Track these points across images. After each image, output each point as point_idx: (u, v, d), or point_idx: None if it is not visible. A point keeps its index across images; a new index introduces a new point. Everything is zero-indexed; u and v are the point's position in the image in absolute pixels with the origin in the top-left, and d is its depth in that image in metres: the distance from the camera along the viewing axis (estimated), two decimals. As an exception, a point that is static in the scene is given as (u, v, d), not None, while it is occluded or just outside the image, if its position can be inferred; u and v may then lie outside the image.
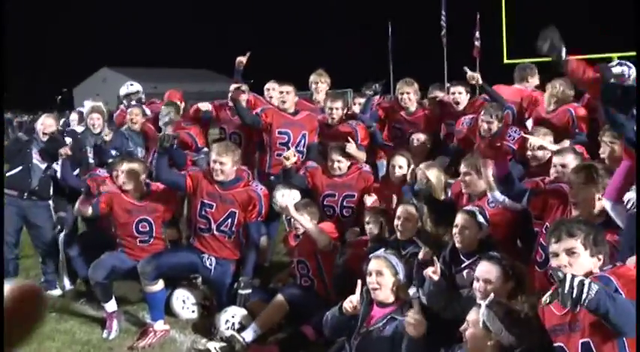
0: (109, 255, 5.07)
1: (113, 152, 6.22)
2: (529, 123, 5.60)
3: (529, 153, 4.79)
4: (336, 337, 3.85)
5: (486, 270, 3.20)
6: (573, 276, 2.25)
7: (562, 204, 3.62)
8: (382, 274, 3.60)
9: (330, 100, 5.88)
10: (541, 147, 4.71)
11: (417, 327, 3.21)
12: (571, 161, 4.07)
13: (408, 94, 5.96)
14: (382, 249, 3.94)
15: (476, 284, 3.24)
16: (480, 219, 3.80)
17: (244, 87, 5.98)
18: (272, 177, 5.69)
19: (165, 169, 4.97)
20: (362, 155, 5.56)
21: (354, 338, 3.63)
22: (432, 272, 3.53)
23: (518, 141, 5.04)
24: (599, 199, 3.39)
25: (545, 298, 2.45)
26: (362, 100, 6.23)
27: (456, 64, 7.05)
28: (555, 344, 2.64)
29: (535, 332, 2.76)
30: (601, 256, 2.67)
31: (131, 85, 7.52)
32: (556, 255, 2.69)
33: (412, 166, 5.05)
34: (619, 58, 5.05)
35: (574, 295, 2.20)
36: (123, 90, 7.46)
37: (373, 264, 3.66)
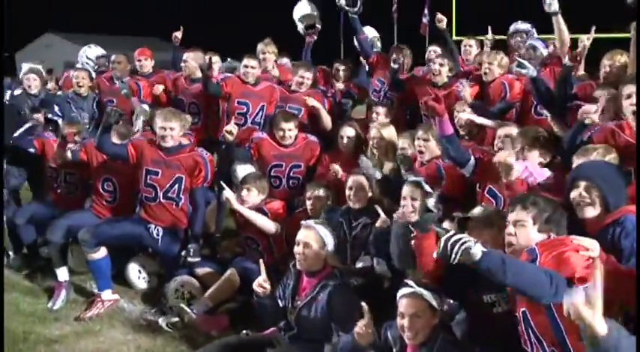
0: (65, 216, 5.06)
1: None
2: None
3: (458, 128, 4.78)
4: (273, 325, 3.76)
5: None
6: (452, 235, 2.33)
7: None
8: (309, 246, 3.50)
9: (304, 70, 5.85)
10: (469, 121, 4.74)
11: (365, 337, 3.01)
12: (515, 131, 4.12)
13: None
14: (313, 220, 3.73)
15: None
16: (426, 188, 3.78)
17: (215, 58, 6.17)
18: (223, 146, 5.56)
19: (108, 143, 4.83)
20: (328, 121, 5.67)
21: (290, 313, 3.58)
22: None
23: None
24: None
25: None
26: None
27: (405, 41, 7.18)
28: (520, 310, 2.66)
29: None
30: (552, 234, 2.68)
31: (94, 46, 7.57)
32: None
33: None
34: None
35: (448, 251, 2.29)
36: (92, 53, 7.46)
37: (301, 234, 3.55)
